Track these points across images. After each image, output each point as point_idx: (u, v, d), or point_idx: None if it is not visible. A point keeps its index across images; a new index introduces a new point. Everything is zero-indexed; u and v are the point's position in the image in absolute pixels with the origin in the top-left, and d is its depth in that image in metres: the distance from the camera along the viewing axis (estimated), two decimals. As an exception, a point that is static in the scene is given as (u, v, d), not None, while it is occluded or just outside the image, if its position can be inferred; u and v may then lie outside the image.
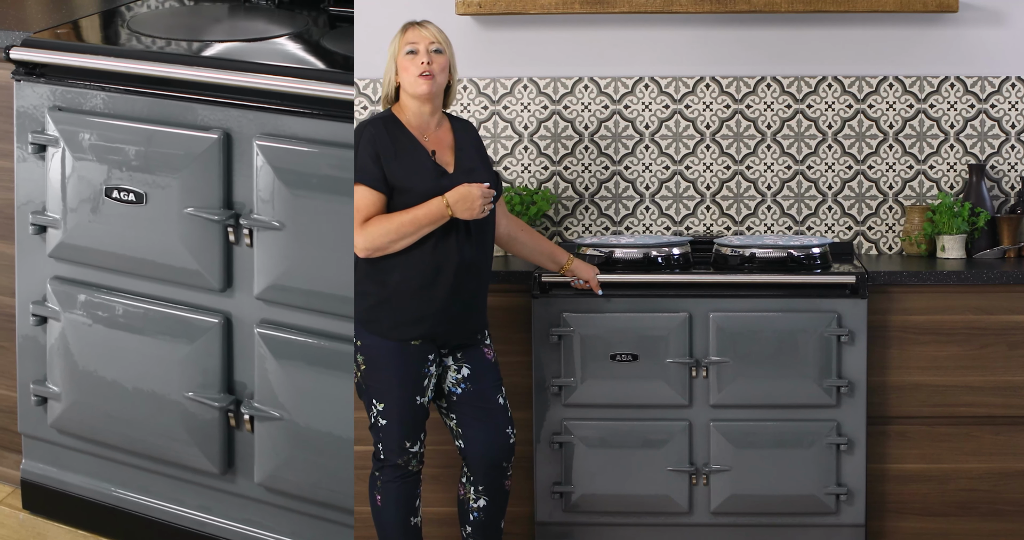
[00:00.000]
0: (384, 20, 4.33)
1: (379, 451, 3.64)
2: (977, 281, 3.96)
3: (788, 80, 4.41)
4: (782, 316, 3.94)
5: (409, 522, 3.68)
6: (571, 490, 4.03)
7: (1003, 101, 4.37)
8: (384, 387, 3.58)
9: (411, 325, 3.56)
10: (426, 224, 3.51)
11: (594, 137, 4.46)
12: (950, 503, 4.05)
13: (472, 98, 4.47)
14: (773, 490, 3.97)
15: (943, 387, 4.01)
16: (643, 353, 3.97)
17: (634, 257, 4.04)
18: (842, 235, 4.44)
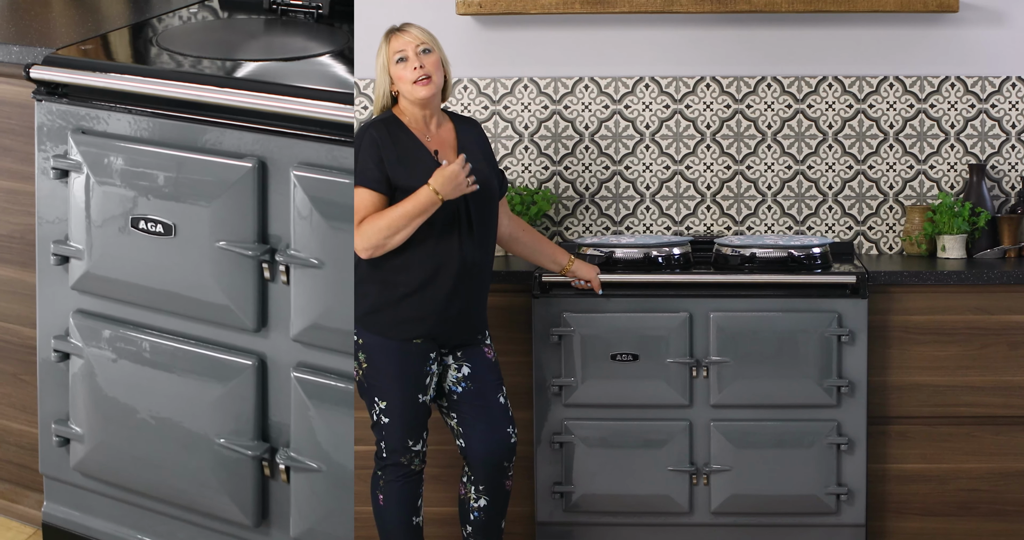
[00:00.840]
0: (384, 20, 4.32)
1: (381, 450, 3.64)
2: (977, 281, 3.96)
3: (788, 80, 4.41)
4: (782, 316, 3.94)
5: (411, 522, 3.68)
6: (571, 490, 4.03)
7: (1003, 101, 4.37)
8: (386, 385, 3.58)
9: (413, 324, 3.56)
10: (417, 214, 3.50)
11: (594, 137, 4.46)
12: (951, 503, 4.05)
13: (472, 98, 4.47)
14: (774, 490, 3.97)
15: (944, 387, 4.01)
16: (643, 353, 3.96)
17: (634, 257, 4.04)
18: (842, 235, 4.44)
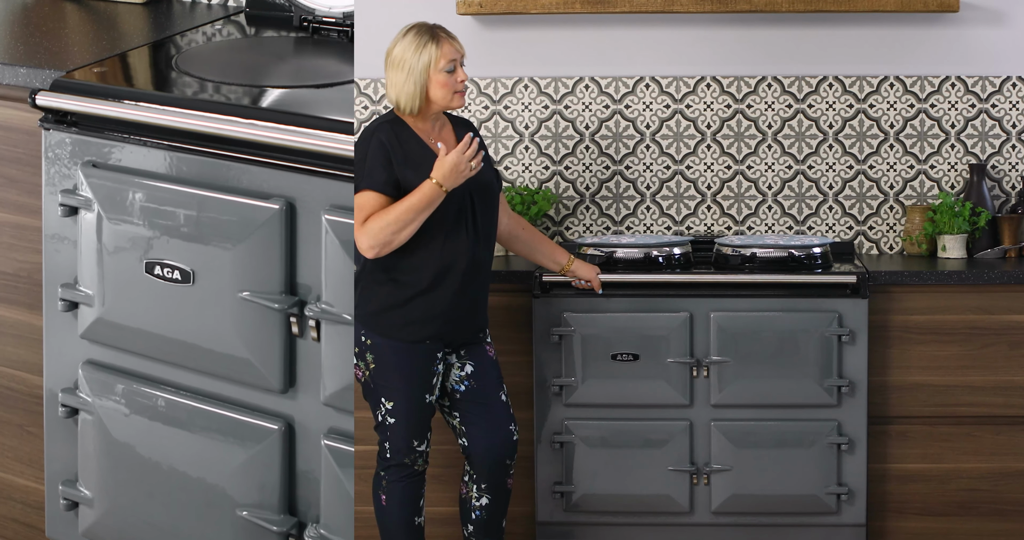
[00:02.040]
0: (384, 20, 4.33)
1: (385, 450, 3.64)
2: (978, 281, 3.96)
3: (789, 80, 4.41)
4: (783, 316, 3.94)
5: (413, 522, 3.68)
6: (572, 490, 4.03)
7: (1004, 101, 4.37)
8: (394, 386, 3.57)
9: (421, 325, 3.56)
10: (423, 208, 3.47)
11: (595, 137, 4.46)
12: (951, 503, 4.05)
13: (473, 98, 4.47)
14: (774, 490, 3.98)
15: (944, 387, 4.01)
16: (644, 353, 3.97)
17: (635, 257, 4.04)
18: (843, 235, 4.44)
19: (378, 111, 4.47)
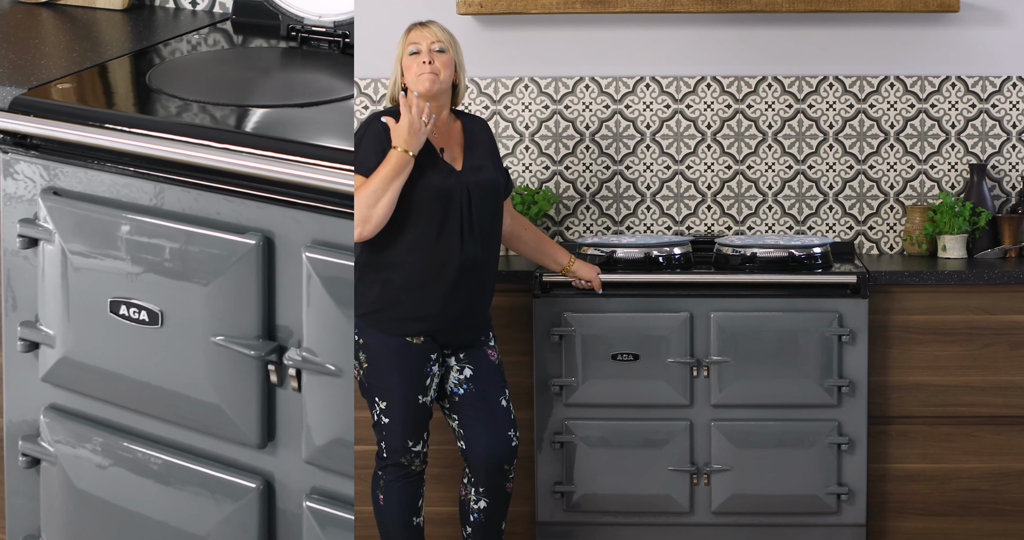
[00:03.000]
0: (384, 20, 4.33)
1: (382, 450, 3.64)
2: (978, 281, 3.96)
3: (789, 80, 4.41)
4: (783, 316, 3.94)
5: (412, 522, 3.68)
6: (572, 490, 4.03)
7: (1004, 101, 4.37)
8: (387, 385, 3.58)
9: (412, 322, 3.56)
10: (393, 176, 3.43)
11: (595, 137, 4.46)
12: (951, 503, 4.05)
13: (473, 98, 4.47)
14: (774, 490, 3.98)
15: (944, 387, 4.01)
16: (644, 353, 3.97)
17: (635, 257, 4.04)
18: (843, 235, 4.44)
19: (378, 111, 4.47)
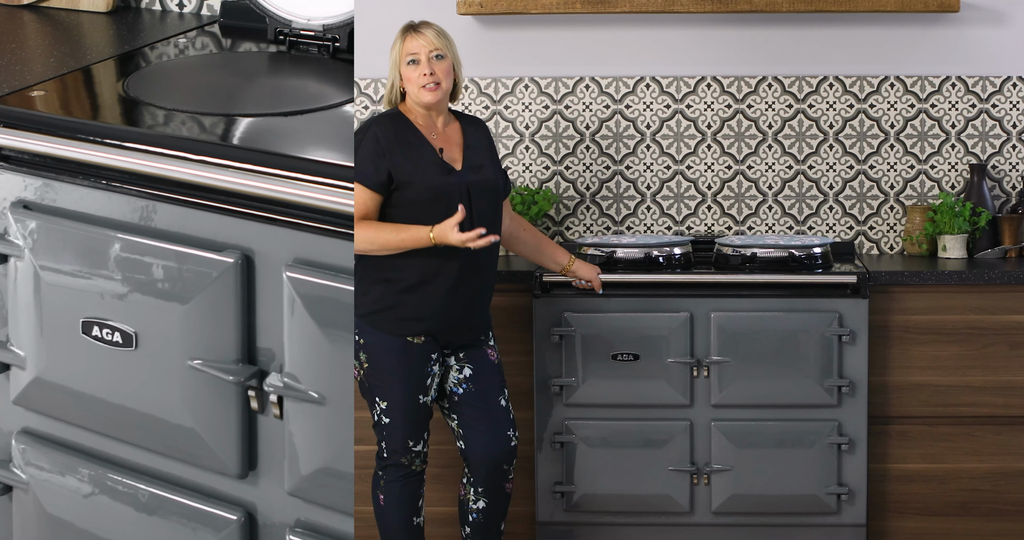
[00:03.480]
0: (384, 20, 4.33)
1: (382, 450, 3.64)
2: (978, 281, 3.96)
3: (789, 80, 4.41)
4: (783, 316, 3.94)
5: (412, 522, 3.68)
6: (572, 490, 4.03)
7: (1004, 101, 4.37)
8: (387, 385, 3.58)
9: (413, 322, 3.56)
10: (408, 247, 3.50)
11: (595, 137, 4.46)
12: (951, 503, 4.05)
13: (473, 98, 4.47)
14: (774, 490, 3.98)
15: (944, 387, 4.01)
16: (644, 353, 3.97)
17: (635, 257, 4.04)
18: (843, 235, 4.44)
19: (378, 111, 4.47)
